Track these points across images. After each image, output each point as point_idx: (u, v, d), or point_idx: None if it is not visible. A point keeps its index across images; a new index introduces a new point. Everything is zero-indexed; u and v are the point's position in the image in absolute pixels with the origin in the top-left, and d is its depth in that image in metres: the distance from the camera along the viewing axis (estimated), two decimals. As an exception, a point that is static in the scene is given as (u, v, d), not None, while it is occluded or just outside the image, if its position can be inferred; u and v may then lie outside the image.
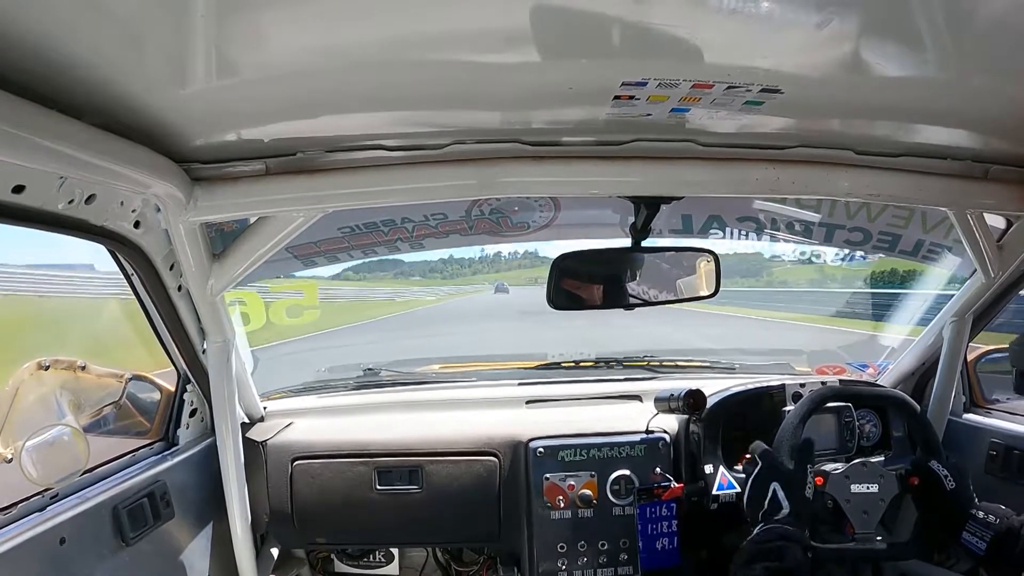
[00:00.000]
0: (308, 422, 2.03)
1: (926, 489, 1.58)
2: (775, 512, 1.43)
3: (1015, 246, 1.67)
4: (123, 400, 1.64)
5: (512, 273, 19.84)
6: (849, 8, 0.83)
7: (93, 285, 8.20)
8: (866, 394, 1.89)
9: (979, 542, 1.44)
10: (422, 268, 18.44)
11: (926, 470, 1.58)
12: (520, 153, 1.34)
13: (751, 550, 1.35)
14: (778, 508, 1.43)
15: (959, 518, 1.47)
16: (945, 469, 1.56)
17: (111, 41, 0.82)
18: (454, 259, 18.18)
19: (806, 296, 11.75)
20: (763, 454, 1.56)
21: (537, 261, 12.91)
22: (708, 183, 1.43)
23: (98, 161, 1.00)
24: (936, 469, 1.56)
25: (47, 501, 1.28)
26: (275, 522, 1.91)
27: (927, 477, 1.57)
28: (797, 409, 1.70)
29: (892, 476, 1.59)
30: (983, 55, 0.97)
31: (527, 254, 15.41)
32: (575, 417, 2.02)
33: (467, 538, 2.06)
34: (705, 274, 1.68)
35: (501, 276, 20.13)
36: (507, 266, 20.09)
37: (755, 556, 1.32)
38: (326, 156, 1.31)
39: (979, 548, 1.43)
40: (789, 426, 1.65)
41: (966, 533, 1.46)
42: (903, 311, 2.85)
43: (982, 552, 1.43)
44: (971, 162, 1.45)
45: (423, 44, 0.90)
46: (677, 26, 0.87)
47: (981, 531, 1.44)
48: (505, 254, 18.74)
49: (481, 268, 20.52)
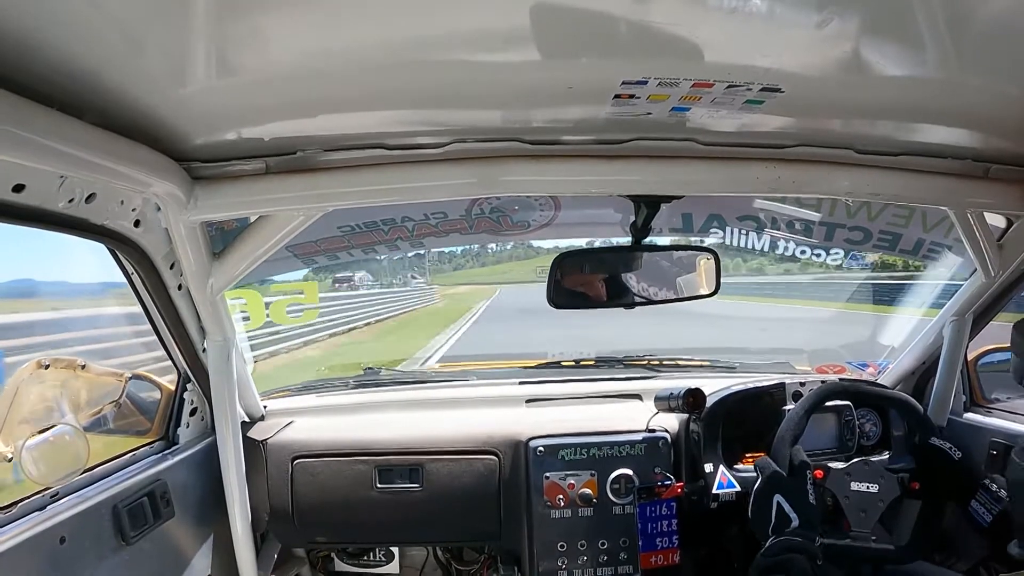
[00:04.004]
0: (308, 421, 2.03)
1: (931, 466, 1.57)
2: (785, 525, 1.43)
3: (1015, 245, 1.67)
4: (123, 399, 1.64)
5: (504, 267, 16.51)
6: (849, 7, 0.83)
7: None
8: (873, 394, 1.87)
9: (986, 513, 1.44)
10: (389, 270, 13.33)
11: (928, 448, 1.57)
12: (520, 152, 1.33)
13: (761, 564, 1.35)
14: (787, 521, 1.43)
15: (968, 486, 1.47)
16: (948, 442, 1.55)
17: (112, 41, 0.82)
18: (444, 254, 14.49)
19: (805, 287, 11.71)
20: (762, 466, 1.56)
21: (532, 252, 10.85)
22: (708, 182, 1.43)
23: (98, 160, 1.00)
24: (939, 444, 1.56)
25: (47, 500, 1.28)
26: (275, 521, 1.91)
27: (931, 454, 1.56)
28: (803, 402, 1.70)
29: (893, 478, 1.58)
30: (983, 54, 0.96)
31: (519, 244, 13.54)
32: (575, 416, 2.02)
33: (467, 537, 2.06)
34: (705, 272, 1.68)
35: (493, 272, 16.85)
36: (495, 259, 16.67)
37: (764, 571, 1.32)
38: (326, 155, 1.31)
39: (984, 520, 1.44)
40: (794, 417, 1.65)
41: (975, 502, 1.46)
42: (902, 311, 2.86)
43: (987, 524, 1.43)
44: (971, 161, 1.45)
45: (423, 43, 0.90)
46: (677, 25, 0.87)
47: (991, 503, 1.44)
48: (493, 246, 14.44)
49: (464, 263, 16.25)
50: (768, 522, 1.46)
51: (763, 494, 1.50)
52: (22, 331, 3.33)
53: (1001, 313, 1.93)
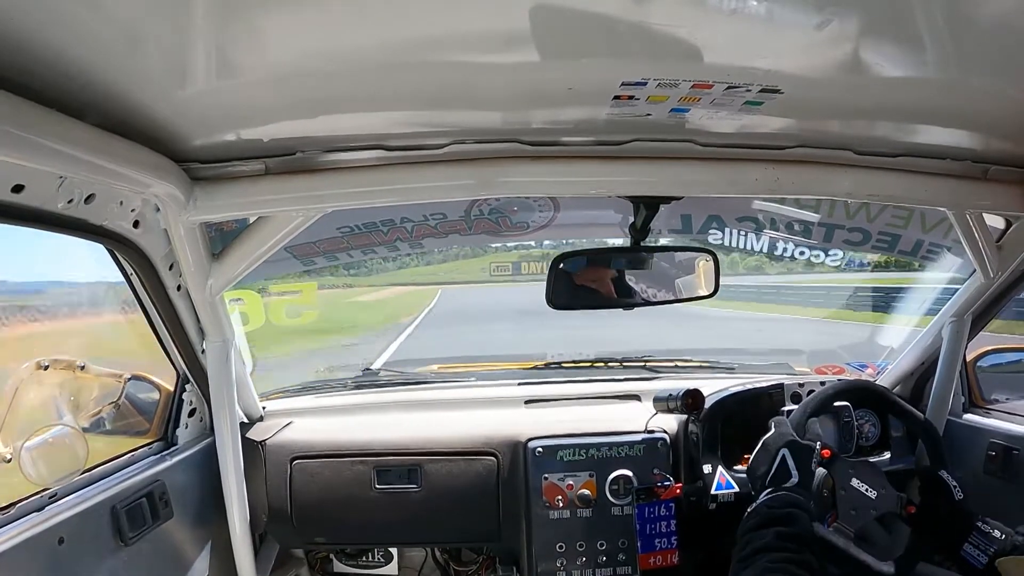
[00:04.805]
0: (307, 422, 2.03)
1: (931, 496, 1.57)
2: (784, 479, 1.43)
3: (1014, 246, 1.67)
4: (122, 400, 1.64)
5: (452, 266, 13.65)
6: (849, 8, 0.83)
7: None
8: (899, 407, 1.83)
9: (980, 555, 1.43)
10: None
11: (935, 479, 1.57)
12: (519, 153, 1.33)
13: (763, 514, 1.34)
14: (787, 475, 1.43)
15: (963, 529, 1.47)
16: (954, 480, 1.55)
17: (112, 42, 0.82)
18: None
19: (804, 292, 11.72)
20: (777, 421, 1.58)
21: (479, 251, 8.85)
22: (707, 183, 1.43)
23: (98, 161, 1.00)
24: (946, 479, 1.56)
25: (46, 501, 1.28)
26: (274, 522, 1.90)
27: (935, 486, 1.56)
28: (830, 387, 1.73)
29: (893, 494, 1.56)
30: (982, 55, 0.97)
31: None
32: (574, 417, 2.02)
33: (466, 538, 2.06)
34: (704, 274, 1.69)
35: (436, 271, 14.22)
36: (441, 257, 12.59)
37: (766, 521, 1.31)
38: (325, 156, 1.31)
39: (979, 562, 1.43)
40: (819, 396, 1.68)
41: (968, 545, 1.45)
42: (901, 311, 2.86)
43: (982, 566, 1.42)
44: (970, 162, 1.45)
45: (422, 44, 0.90)
46: (677, 26, 0.87)
47: (984, 544, 1.43)
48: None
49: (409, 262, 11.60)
50: (768, 472, 1.46)
51: (771, 444, 1.51)
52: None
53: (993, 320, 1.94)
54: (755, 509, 1.37)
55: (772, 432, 1.55)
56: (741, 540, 1.30)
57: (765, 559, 1.21)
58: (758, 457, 1.53)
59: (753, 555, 1.23)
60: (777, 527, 1.28)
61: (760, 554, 1.22)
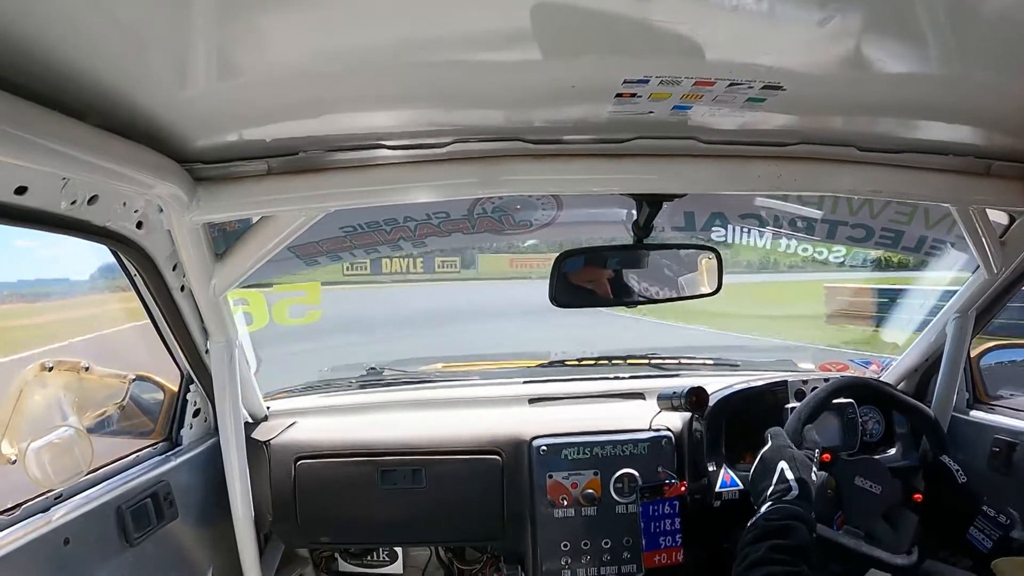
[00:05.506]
0: (311, 422, 2.03)
1: (935, 483, 1.56)
2: (784, 492, 1.43)
3: (1018, 242, 1.66)
4: (126, 401, 1.64)
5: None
6: (851, 4, 0.83)
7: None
8: (897, 399, 1.85)
9: (985, 540, 1.43)
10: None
11: (937, 464, 1.57)
12: (522, 151, 1.33)
13: (760, 527, 1.34)
14: (787, 488, 1.43)
15: (968, 513, 1.47)
16: (956, 464, 1.55)
17: (114, 43, 0.82)
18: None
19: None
20: (773, 433, 1.56)
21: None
22: (710, 180, 1.43)
23: (101, 162, 1.00)
24: (948, 463, 1.55)
25: (51, 502, 1.28)
26: (279, 521, 1.91)
27: (938, 471, 1.56)
28: (826, 387, 1.71)
29: (898, 484, 1.56)
30: (986, 51, 0.96)
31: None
32: (578, 415, 2.02)
33: (470, 537, 2.06)
34: (707, 271, 1.68)
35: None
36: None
37: (763, 534, 1.31)
38: (328, 155, 1.31)
39: (984, 546, 1.43)
40: (813, 399, 1.66)
41: (974, 529, 1.45)
42: (905, 308, 2.85)
43: (986, 550, 1.42)
44: (974, 158, 1.45)
45: (425, 44, 0.90)
46: (679, 23, 0.87)
47: (990, 529, 1.43)
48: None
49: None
50: (767, 486, 1.45)
51: (769, 458, 1.50)
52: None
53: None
54: (754, 523, 1.37)
55: (769, 445, 1.54)
56: (740, 554, 1.30)
57: (760, 573, 1.21)
58: (757, 472, 1.52)
59: (749, 569, 1.24)
60: (773, 540, 1.28)
61: (755, 568, 1.23)
